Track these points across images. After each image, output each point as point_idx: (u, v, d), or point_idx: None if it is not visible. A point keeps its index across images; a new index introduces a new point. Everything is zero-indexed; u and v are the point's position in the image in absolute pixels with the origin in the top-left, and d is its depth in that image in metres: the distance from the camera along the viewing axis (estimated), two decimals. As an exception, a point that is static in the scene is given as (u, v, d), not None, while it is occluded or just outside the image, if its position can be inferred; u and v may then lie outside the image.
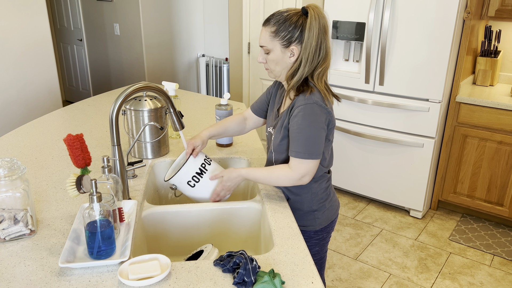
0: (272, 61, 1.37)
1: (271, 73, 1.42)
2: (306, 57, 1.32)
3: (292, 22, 1.31)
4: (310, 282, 1.06)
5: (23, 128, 2.12)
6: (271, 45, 1.35)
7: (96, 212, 1.09)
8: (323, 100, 1.35)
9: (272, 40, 1.34)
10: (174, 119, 1.51)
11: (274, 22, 1.33)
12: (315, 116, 1.32)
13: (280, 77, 1.41)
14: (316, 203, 1.51)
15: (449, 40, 2.63)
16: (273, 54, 1.36)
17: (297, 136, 1.34)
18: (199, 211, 1.46)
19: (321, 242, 1.59)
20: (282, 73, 1.39)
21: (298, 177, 1.36)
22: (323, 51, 1.34)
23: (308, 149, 1.33)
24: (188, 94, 2.76)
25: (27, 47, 3.25)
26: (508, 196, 2.85)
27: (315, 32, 1.30)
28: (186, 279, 1.06)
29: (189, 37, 5.15)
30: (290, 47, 1.33)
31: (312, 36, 1.30)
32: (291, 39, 1.32)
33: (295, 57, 1.34)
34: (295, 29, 1.31)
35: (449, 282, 2.47)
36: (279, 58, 1.36)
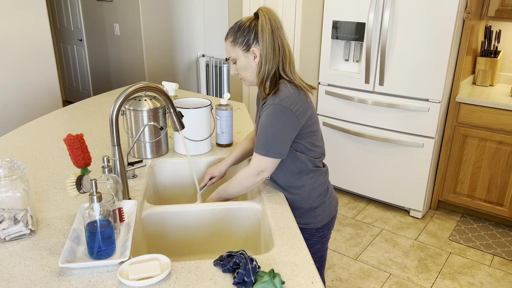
0: (241, 68, 1.44)
1: (246, 81, 1.48)
2: (265, 55, 1.38)
3: (246, 27, 1.39)
4: (310, 282, 1.06)
5: (23, 128, 2.12)
6: (234, 54, 1.42)
7: (96, 212, 1.09)
8: (292, 99, 1.37)
9: (234, 49, 1.42)
10: (174, 119, 1.51)
11: (231, 33, 1.42)
12: (278, 116, 1.36)
13: (255, 82, 1.46)
14: (316, 200, 1.53)
15: (449, 40, 2.63)
16: (239, 62, 1.43)
17: (259, 133, 1.40)
18: (199, 211, 1.46)
19: (322, 240, 1.60)
20: (254, 77, 1.45)
21: (255, 172, 1.42)
22: (280, 46, 1.40)
23: (266, 147, 1.38)
24: (188, 94, 2.77)
25: (27, 47, 3.25)
26: (508, 196, 2.85)
27: (268, 31, 1.37)
28: (186, 279, 1.06)
29: (189, 37, 5.15)
30: (250, 50, 1.40)
31: (267, 35, 1.37)
32: (249, 42, 1.39)
33: (258, 58, 1.40)
34: (250, 32, 1.39)
35: (449, 282, 2.47)
36: (245, 63, 1.43)
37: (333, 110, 3.24)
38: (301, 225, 1.56)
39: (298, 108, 1.38)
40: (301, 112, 1.39)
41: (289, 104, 1.36)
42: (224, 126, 1.83)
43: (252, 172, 1.42)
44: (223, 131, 1.84)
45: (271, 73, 1.40)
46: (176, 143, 1.81)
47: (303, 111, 1.40)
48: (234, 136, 2.03)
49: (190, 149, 1.79)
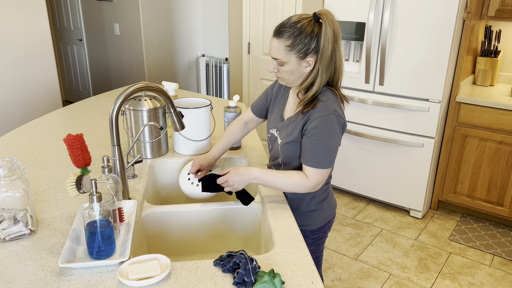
0: (286, 72, 1.34)
1: (283, 81, 1.39)
2: (323, 67, 1.30)
3: (308, 33, 1.27)
4: (310, 282, 1.06)
5: (23, 128, 2.12)
6: (286, 58, 1.31)
7: (96, 212, 1.09)
8: (340, 107, 1.35)
9: (288, 53, 1.30)
10: (174, 119, 1.51)
11: (289, 35, 1.28)
12: (333, 127, 1.32)
13: (293, 84, 1.38)
14: (314, 204, 1.52)
15: (449, 40, 2.63)
16: (288, 66, 1.32)
17: (316, 146, 1.32)
18: (199, 211, 1.46)
19: (316, 242, 1.59)
20: (296, 81, 1.37)
21: (313, 186, 1.36)
22: (337, 58, 1.32)
23: (326, 159, 1.33)
24: (188, 94, 2.76)
25: (27, 47, 3.25)
26: (508, 196, 2.85)
27: (330, 40, 1.28)
28: (186, 279, 1.06)
29: (189, 37, 5.15)
30: (306, 58, 1.30)
31: (327, 45, 1.28)
32: (308, 51, 1.28)
33: (311, 67, 1.32)
34: (311, 40, 1.27)
35: (449, 282, 2.47)
36: (294, 69, 1.33)
37: (333, 110, 3.24)
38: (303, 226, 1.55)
39: (344, 117, 1.38)
40: (345, 124, 1.39)
41: (341, 113, 1.34)
42: None
43: (311, 186, 1.36)
44: None
45: (322, 85, 1.33)
46: (176, 143, 1.81)
47: (345, 123, 1.40)
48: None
49: (190, 149, 1.79)
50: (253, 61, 3.76)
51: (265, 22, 3.56)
